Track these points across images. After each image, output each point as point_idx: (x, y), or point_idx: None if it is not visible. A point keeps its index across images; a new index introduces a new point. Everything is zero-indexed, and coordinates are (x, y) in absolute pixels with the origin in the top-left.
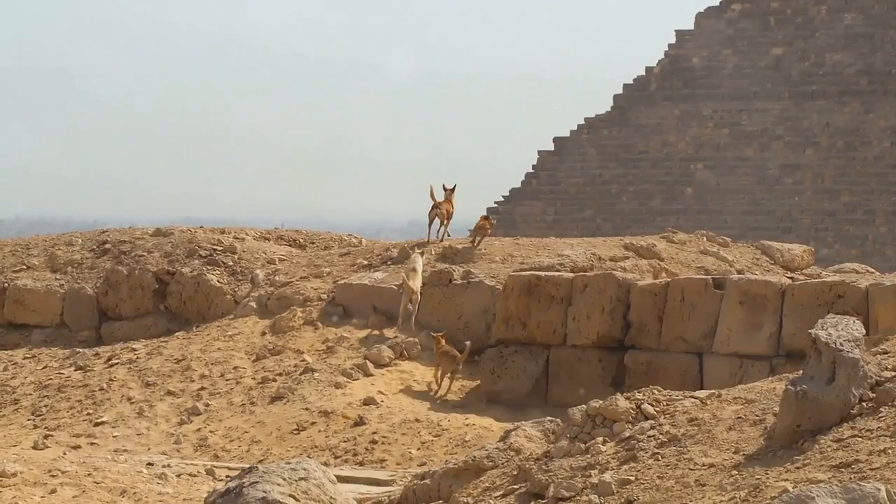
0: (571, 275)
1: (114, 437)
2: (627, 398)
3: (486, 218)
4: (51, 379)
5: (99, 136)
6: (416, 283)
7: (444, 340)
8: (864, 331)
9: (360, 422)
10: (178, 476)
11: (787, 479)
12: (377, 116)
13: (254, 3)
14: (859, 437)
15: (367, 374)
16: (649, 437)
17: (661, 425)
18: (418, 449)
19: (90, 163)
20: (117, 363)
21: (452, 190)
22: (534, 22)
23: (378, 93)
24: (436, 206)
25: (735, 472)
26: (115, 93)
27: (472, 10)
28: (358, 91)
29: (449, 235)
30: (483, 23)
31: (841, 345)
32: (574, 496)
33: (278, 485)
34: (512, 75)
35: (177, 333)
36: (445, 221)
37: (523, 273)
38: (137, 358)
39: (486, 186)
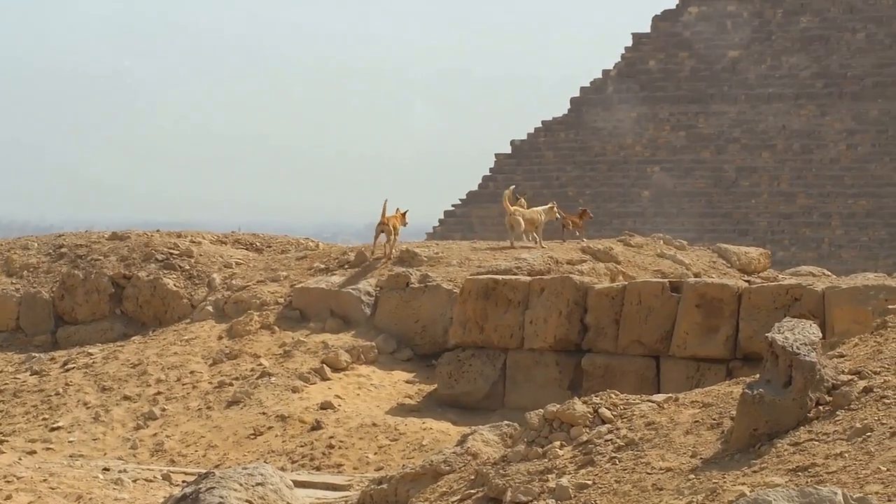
0: (528, 278)
1: (70, 442)
2: (585, 402)
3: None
4: (6, 384)
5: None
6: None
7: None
8: (820, 334)
9: (317, 426)
10: (135, 481)
11: (744, 483)
12: (338, 115)
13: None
14: (816, 440)
15: (325, 379)
16: (606, 441)
17: (618, 429)
18: (375, 453)
19: (48, 162)
20: (73, 368)
21: (404, 214)
22: (490, 25)
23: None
24: (383, 221)
25: (692, 475)
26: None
27: (429, 12)
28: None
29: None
30: (438, 25)
31: (797, 348)
32: (531, 500)
33: (235, 490)
34: (470, 76)
35: (133, 338)
36: (392, 237)
37: (480, 277)
38: (94, 362)
39: (444, 190)
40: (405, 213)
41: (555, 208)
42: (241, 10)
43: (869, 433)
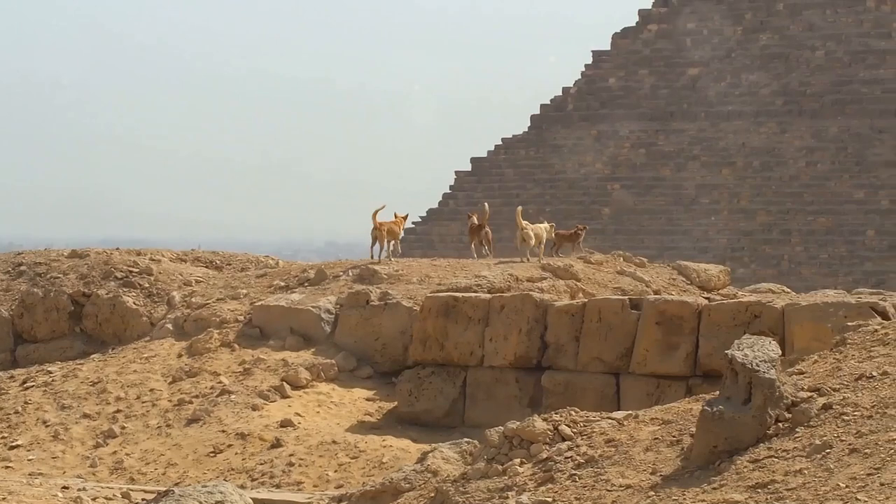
0: (489, 296)
1: (29, 460)
2: (545, 419)
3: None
4: None
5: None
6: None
7: None
8: (780, 351)
9: (277, 444)
10: (94, 500)
11: (703, 500)
12: (299, 132)
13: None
14: (775, 457)
15: (285, 396)
16: (567, 458)
17: (578, 446)
18: (335, 471)
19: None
20: (32, 386)
21: (404, 217)
22: (452, 42)
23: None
24: (375, 227)
25: (652, 492)
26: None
27: (391, 28)
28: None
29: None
30: (402, 41)
31: (757, 365)
32: None
33: None
34: (430, 95)
35: (93, 356)
36: (383, 242)
37: (440, 294)
38: (53, 380)
39: (404, 208)
40: (405, 216)
41: (552, 229)
42: (192, 25)
43: (828, 450)
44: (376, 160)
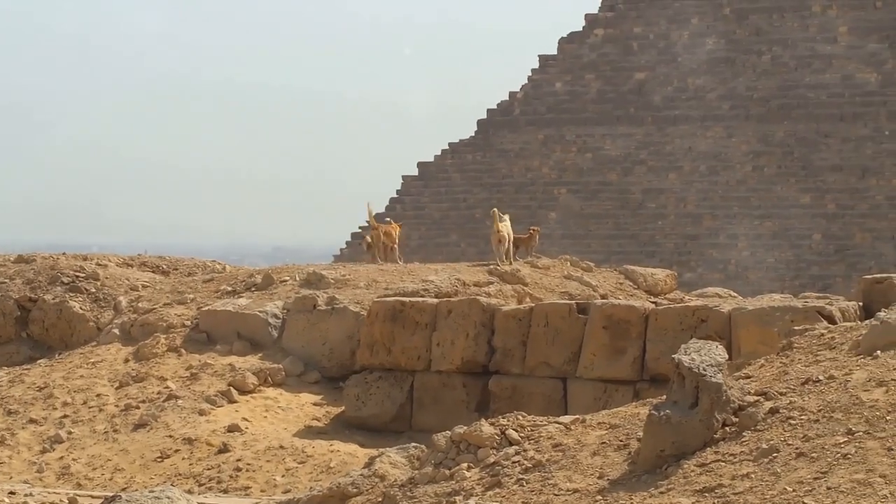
0: (436, 300)
1: None
2: (492, 424)
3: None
4: None
5: None
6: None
7: None
8: (726, 355)
9: (224, 449)
10: None
11: None
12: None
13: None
14: (722, 461)
15: (232, 401)
16: (514, 462)
17: (525, 451)
18: (283, 476)
19: None
20: None
21: (400, 225)
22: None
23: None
24: (374, 227)
25: (599, 497)
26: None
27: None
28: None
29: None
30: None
31: (704, 370)
32: None
33: None
34: (377, 100)
35: (39, 361)
36: (380, 245)
37: (388, 299)
38: None
39: (351, 211)
40: (401, 224)
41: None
42: (144, 30)
43: (775, 454)
44: (324, 165)
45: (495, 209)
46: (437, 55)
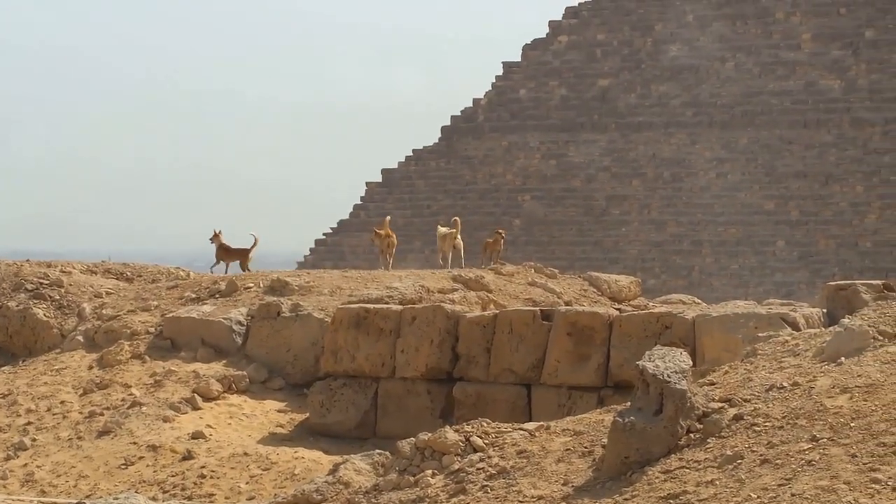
0: (400, 307)
1: None
2: (456, 430)
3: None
4: None
5: None
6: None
7: None
8: (691, 362)
9: (188, 456)
10: None
11: None
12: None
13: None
14: (687, 468)
15: (196, 408)
16: (478, 469)
17: (490, 458)
18: (247, 483)
19: None
20: None
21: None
22: (360, 52)
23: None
24: (377, 235)
25: (564, 503)
26: None
27: (298, 38)
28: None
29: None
30: (310, 52)
31: (668, 376)
32: None
33: None
34: (340, 106)
35: (2, 368)
36: (389, 251)
37: (352, 305)
38: None
39: (314, 217)
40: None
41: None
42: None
43: (739, 461)
44: (287, 171)
45: (455, 218)
46: (400, 62)
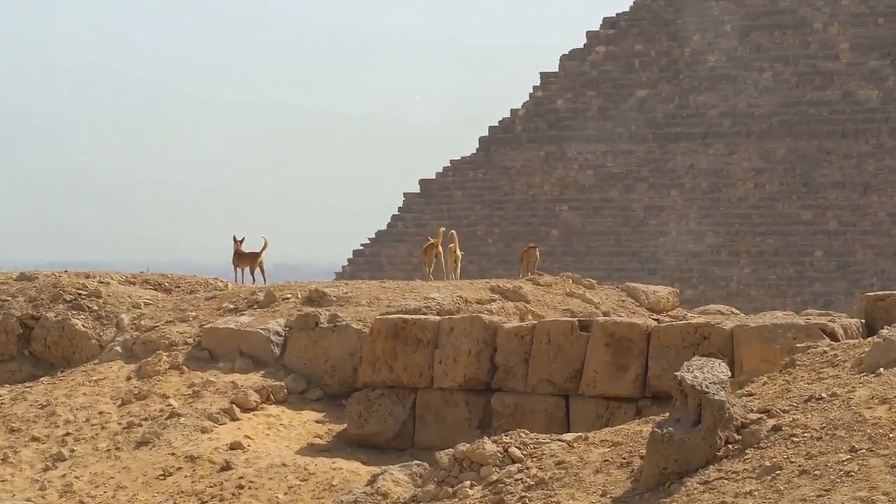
0: (438, 318)
1: None
2: (494, 441)
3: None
4: None
5: None
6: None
7: None
8: (729, 373)
9: (226, 466)
10: None
11: None
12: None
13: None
14: (725, 479)
15: (234, 419)
16: (516, 480)
17: (528, 468)
18: (285, 493)
19: None
20: None
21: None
22: (397, 62)
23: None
24: (430, 247)
25: None
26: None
27: (337, 49)
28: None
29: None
30: (348, 62)
31: (706, 387)
32: None
33: None
34: (379, 116)
35: (41, 378)
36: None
37: (390, 316)
38: (1, 403)
39: (353, 228)
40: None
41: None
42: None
43: (778, 471)
44: (325, 182)
45: (442, 229)
46: (439, 72)
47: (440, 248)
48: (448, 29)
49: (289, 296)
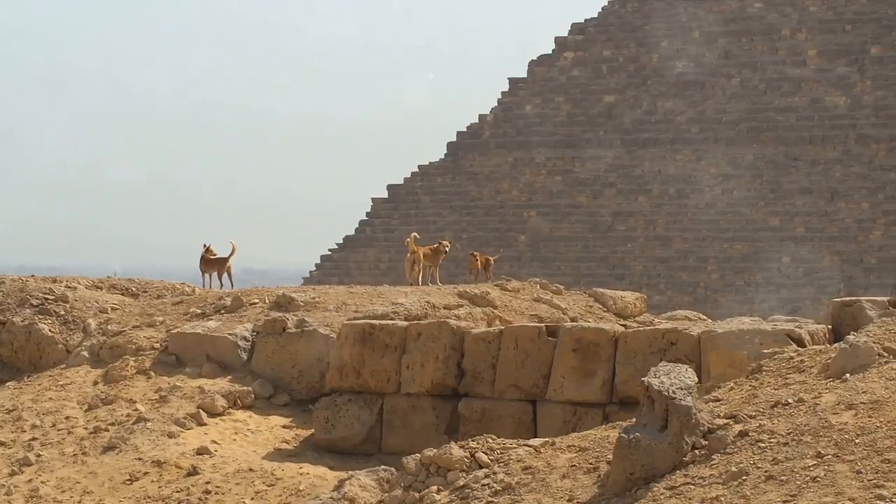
0: (405, 323)
1: None
2: (462, 446)
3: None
4: None
5: None
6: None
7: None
8: (696, 378)
9: (193, 471)
10: None
11: None
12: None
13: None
14: (692, 484)
15: (201, 424)
16: (483, 485)
17: (495, 474)
18: (252, 499)
19: None
20: None
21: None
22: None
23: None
24: (412, 250)
25: None
26: None
27: (303, 52)
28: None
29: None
30: (317, 66)
31: (673, 392)
32: None
33: None
34: (345, 120)
35: (8, 383)
36: (418, 266)
37: (357, 321)
38: None
39: (320, 233)
40: (436, 246)
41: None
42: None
43: (744, 477)
44: (293, 186)
45: (414, 234)
46: (405, 77)
47: (420, 254)
48: (417, 34)
49: (256, 301)
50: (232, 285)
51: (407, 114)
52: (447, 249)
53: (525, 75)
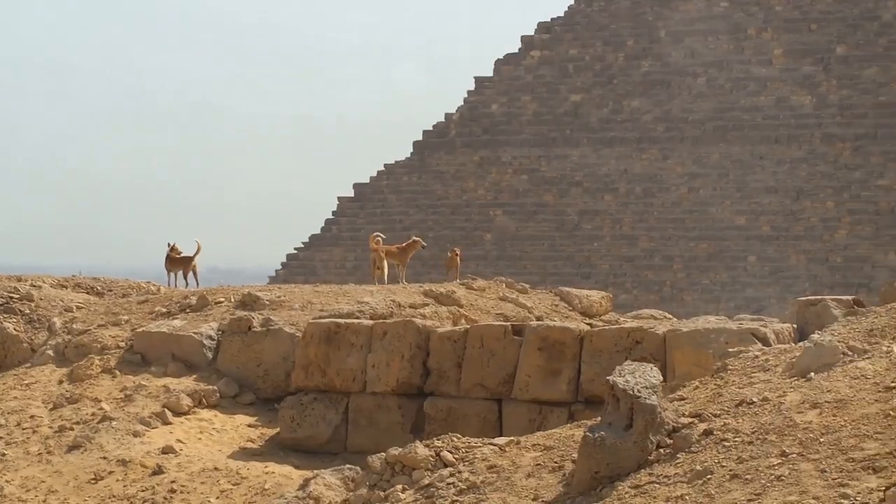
0: (371, 322)
1: None
2: (427, 445)
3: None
4: None
5: None
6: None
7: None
8: (661, 377)
9: (158, 470)
10: None
11: None
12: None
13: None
14: (657, 483)
15: (166, 423)
16: (448, 484)
17: (460, 472)
18: (217, 498)
19: None
20: None
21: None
22: (331, 66)
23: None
24: (372, 248)
25: None
26: None
27: (268, 53)
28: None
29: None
30: (281, 66)
31: (638, 391)
32: None
33: None
34: (310, 119)
35: None
36: (380, 264)
37: (323, 320)
38: None
39: (286, 232)
40: (406, 245)
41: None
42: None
43: (709, 475)
44: (259, 185)
45: (376, 235)
46: (372, 77)
47: (381, 253)
48: (384, 32)
49: (222, 299)
50: (197, 284)
51: (372, 113)
52: (424, 245)
53: (491, 74)
